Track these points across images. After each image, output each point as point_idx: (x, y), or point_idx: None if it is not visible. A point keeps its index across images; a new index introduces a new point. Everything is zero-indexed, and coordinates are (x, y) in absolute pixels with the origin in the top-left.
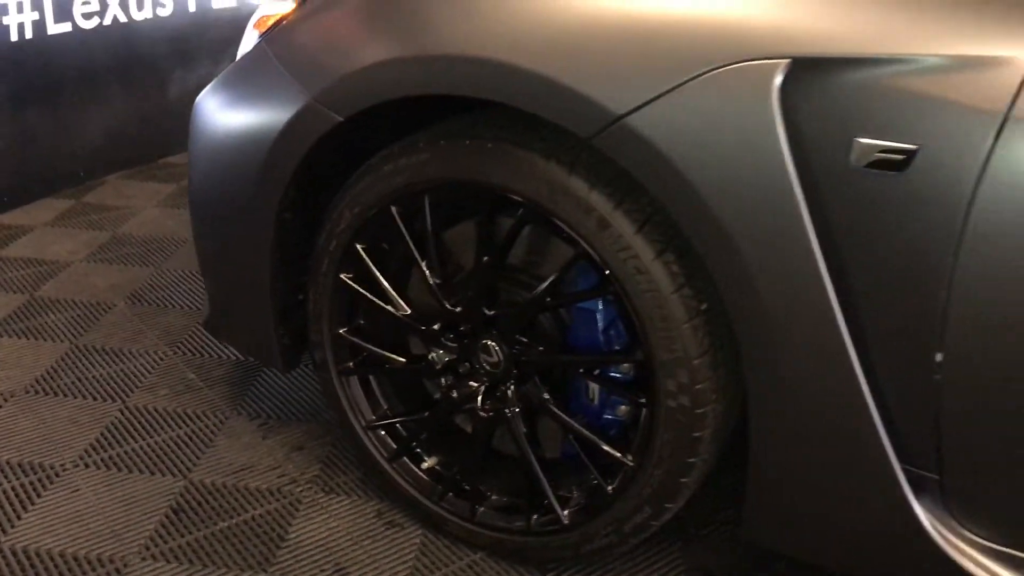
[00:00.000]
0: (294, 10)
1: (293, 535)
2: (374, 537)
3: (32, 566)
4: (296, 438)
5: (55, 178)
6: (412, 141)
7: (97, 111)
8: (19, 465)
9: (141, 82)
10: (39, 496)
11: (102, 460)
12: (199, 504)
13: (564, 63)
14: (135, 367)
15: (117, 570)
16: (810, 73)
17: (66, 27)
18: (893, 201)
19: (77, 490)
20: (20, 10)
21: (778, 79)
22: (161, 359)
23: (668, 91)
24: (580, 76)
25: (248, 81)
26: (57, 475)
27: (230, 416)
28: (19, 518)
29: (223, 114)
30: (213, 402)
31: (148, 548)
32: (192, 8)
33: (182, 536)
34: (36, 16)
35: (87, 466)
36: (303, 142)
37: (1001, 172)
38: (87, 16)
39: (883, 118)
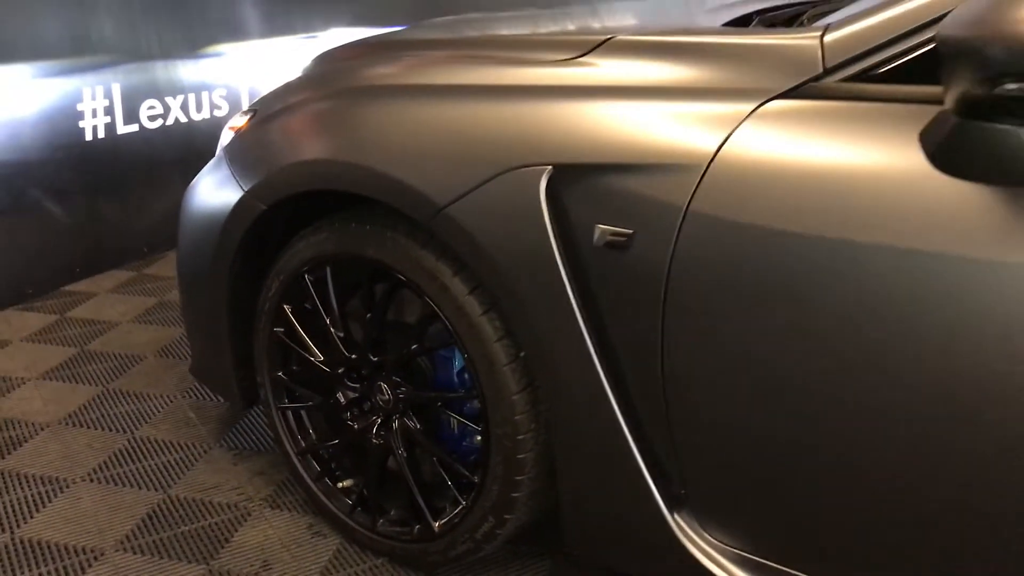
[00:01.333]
0: (246, 123)
1: (236, 539)
2: (300, 543)
3: (32, 551)
4: (260, 465)
5: (121, 253)
6: (318, 224)
7: (160, 196)
8: (40, 478)
9: (198, 172)
10: (49, 502)
11: (104, 476)
12: (169, 512)
13: (406, 166)
14: (149, 407)
15: (95, 557)
16: (567, 175)
17: (134, 127)
18: (623, 272)
19: (79, 499)
20: (94, 115)
21: (544, 180)
22: (171, 401)
23: (473, 188)
24: (417, 177)
25: (212, 176)
26: (67, 487)
27: (213, 447)
28: (31, 516)
29: (197, 201)
30: (202, 436)
31: (122, 543)
32: None
33: (150, 535)
34: (108, 120)
35: (91, 481)
36: (241, 225)
37: (683, 253)
38: (152, 118)
39: (613, 209)
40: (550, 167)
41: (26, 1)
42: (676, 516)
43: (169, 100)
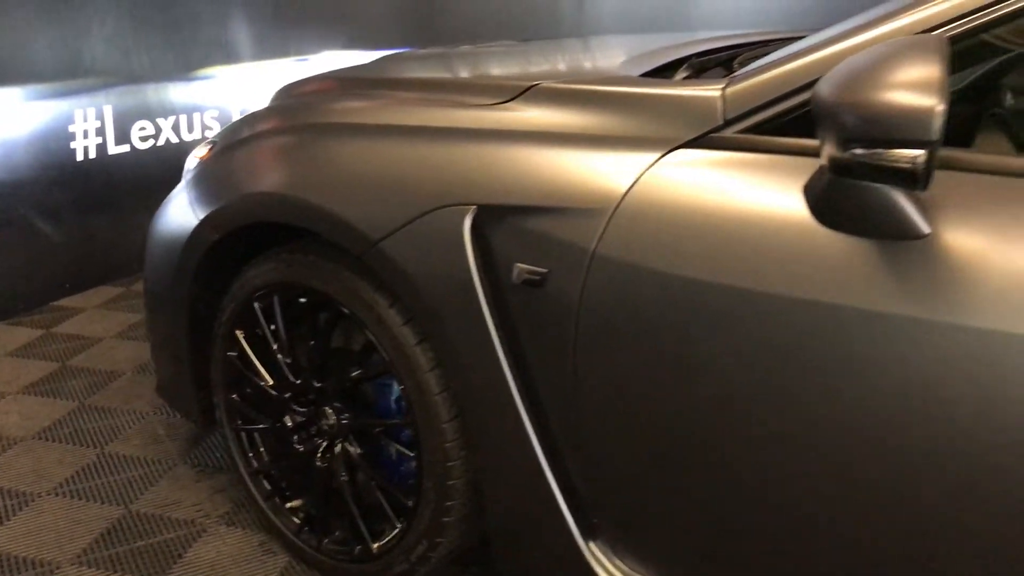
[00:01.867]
0: (207, 153)
1: (189, 555)
2: (250, 560)
3: None
4: (221, 483)
5: (110, 270)
6: (267, 254)
7: (149, 215)
8: (8, 492)
9: None
10: (14, 515)
11: (70, 491)
12: (128, 527)
13: (344, 202)
14: (121, 422)
15: (51, 571)
16: (490, 215)
17: (125, 148)
18: (539, 309)
19: (43, 513)
20: (85, 136)
21: (468, 219)
22: (143, 417)
23: (404, 224)
24: (353, 212)
25: (176, 202)
26: (33, 500)
27: (178, 463)
28: None
29: (161, 225)
30: (169, 452)
31: (79, 556)
32: None
33: (107, 550)
34: (99, 140)
35: (57, 495)
36: (196, 252)
37: (591, 292)
38: (143, 139)
39: (530, 248)
40: (475, 207)
41: (19, 24)
42: (591, 544)
43: (160, 121)
